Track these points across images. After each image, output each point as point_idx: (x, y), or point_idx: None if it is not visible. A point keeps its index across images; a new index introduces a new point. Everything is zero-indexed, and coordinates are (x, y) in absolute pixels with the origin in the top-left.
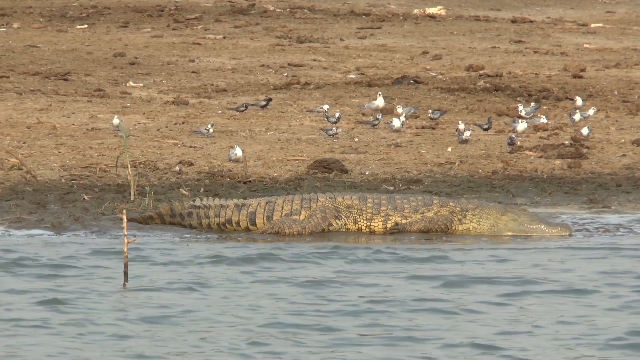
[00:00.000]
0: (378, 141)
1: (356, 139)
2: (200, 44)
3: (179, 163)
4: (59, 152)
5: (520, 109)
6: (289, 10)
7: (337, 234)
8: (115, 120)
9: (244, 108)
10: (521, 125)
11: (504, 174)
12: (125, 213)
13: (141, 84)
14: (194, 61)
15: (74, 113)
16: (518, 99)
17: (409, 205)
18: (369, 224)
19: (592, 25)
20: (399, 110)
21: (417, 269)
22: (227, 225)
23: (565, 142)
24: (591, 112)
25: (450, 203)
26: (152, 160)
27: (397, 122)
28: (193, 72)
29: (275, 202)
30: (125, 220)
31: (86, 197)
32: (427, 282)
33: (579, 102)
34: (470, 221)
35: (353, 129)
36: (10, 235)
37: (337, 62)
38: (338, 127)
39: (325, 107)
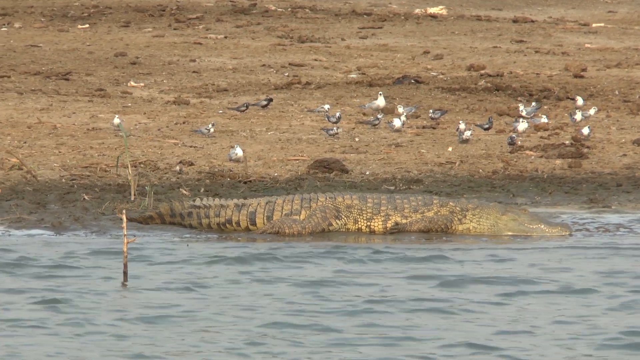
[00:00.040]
0: (379, 141)
1: (357, 139)
2: (201, 43)
3: (180, 163)
4: (59, 152)
5: (521, 109)
6: (290, 10)
7: (337, 233)
8: (116, 120)
9: (244, 108)
10: (522, 125)
11: (504, 173)
12: (124, 213)
13: (142, 84)
14: (195, 61)
15: (74, 113)
16: (519, 98)
17: (409, 205)
18: (369, 223)
19: (594, 25)
20: (400, 110)
21: (416, 268)
22: (227, 225)
23: (566, 141)
24: (592, 111)
25: (450, 203)
26: (153, 160)
27: (397, 122)
28: (194, 71)
29: (275, 202)
30: (124, 220)
31: (86, 197)
32: (426, 282)
33: (579, 101)
34: (470, 221)
35: (354, 128)
36: (10, 235)
37: (338, 61)
38: (339, 127)
39: (326, 106)
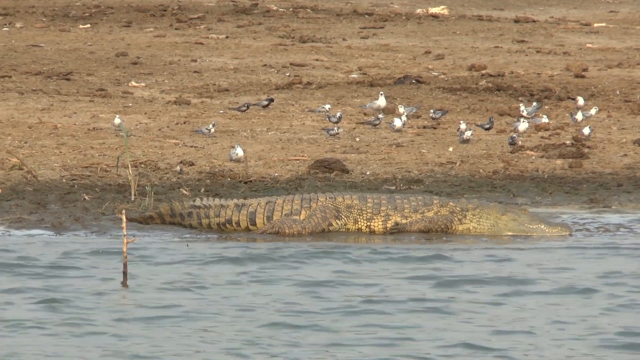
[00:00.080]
0: (379, 141)
1: (357, 139)
2: (202, 43)
3: (180, 163)
4: (60, 152)
5: (522, 109)
6: (291, 10)
7: (337, 234)
8: (117, 120)
9: (245, 108)
10: (522, 125)
11: (505, 173)
12: (124, 213)
13: (143, 84)
14: (196, 61)
15: (75, 113)
16: (520, 98)
17: (409, 205)
18: (369, 224)
19: (595, 25)
20: (401, 110)
21: (416, 269)
22: (227, 225)
23: (567, 141)
24: (593, 111)
25: (451, 203)
26: (153, 160)
27: (398, 122)
28: (195, 71)
29: (276, 202)
30: (124, 220)
31: (87, 197)
32: (426, 282)
33: (580, 101)
34: (471, 221)
35: (354, 128)
36: (10, 235)
37: (339, 61)
38: (339, 127)
39: (327, 106)
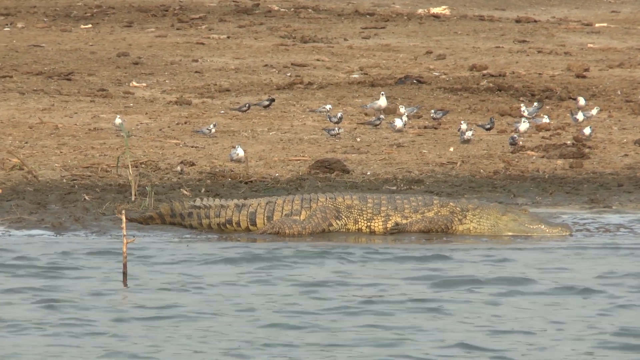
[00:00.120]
0: (380, 141)
1: (358, 139)
2: (204, 43)
3: (181, 163)
4: (60, 152)
5: (522, 109)
6: (293, 10)
7: (337, 234)
8: (118, 120)
9: (246, 108)
10: (523, 125)
11: (505, 174)
12: (124, 213)
13: (144, 84)
14: (197, 61)
15: (76, 113)
16: (521, 98)
17: (409, 206)
18: (369, 224)
19: (597, 25)
20: (402, 110)
21: (416, 269)
22: (227, 225)
23: (568, 142)
24: (594, 112)
25: (451, 203)
26: (154, 160)
27: (399, 122)
28: (196, 72)
29: (276, 203)
30: (124, 220)
31: (87, 197)
32: (426, 283)
33: (581, 102)
34: (471, 221)
35: (355, 129)
36: (10, 235)
37: (340, 62)
38: (340, 127)
39: (328, 107)
